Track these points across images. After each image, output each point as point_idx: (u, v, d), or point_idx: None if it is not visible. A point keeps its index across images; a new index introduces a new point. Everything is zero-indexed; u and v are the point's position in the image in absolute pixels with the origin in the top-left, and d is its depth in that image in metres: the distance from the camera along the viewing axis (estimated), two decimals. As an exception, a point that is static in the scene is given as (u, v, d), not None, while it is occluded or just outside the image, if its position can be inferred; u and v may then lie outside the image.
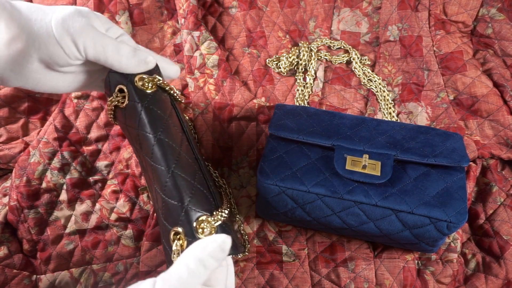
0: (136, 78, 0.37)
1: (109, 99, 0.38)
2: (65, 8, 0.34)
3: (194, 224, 0.33)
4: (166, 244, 0.35)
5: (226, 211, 0.37)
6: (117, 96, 0.38)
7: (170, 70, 0.42)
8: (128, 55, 0.35)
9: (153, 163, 0.36)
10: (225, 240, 0.30)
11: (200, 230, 0.33)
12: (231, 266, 0.36)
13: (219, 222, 0.35)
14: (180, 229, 0.34)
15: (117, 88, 0.37)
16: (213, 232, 0.34)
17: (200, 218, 0.34)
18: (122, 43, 0.36)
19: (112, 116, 0.40)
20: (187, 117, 0.61)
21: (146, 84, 0.37)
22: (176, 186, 0.34)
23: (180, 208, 0.34)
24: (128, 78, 0.37)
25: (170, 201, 0.34)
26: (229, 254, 0.34)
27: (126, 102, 0.37)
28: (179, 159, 0.36)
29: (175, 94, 0.41)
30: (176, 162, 0.35)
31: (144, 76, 0.37)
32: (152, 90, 0.37)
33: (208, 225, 0.34)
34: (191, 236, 0.33)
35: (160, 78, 0.38)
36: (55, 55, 0.33)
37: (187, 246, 0.33)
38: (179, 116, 0.40)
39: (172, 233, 0.34)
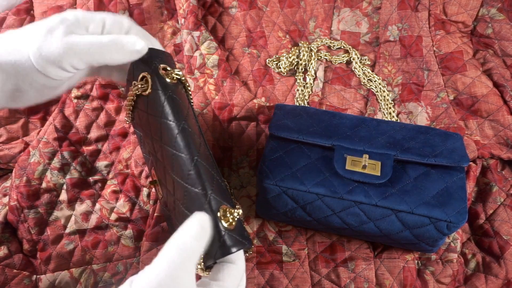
0: (160, 67, 0.37)
1: (131, 87, 0.39)
2: (36, 31, 0.31)
3: (218, 213, 0.34)
4: None
5: (241, 208, 0.37)
6: (136, 85, 0.38)
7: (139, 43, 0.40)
8: (119, 50, 0.34)
9: (175, 151, 0.36)
10: (202, 217, 0.29)
11: (223, 219, 0.33)
12: (243, 264, 0.35)
13: (240, 215, 0.35)
14: None
15: (140, 76, 0.38)
16: (234, 223, 0.34)
17: (223, 208, 0.34)
18: (110, 41, 0.33)
19: (131, 105, 0.41)
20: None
21: (169, 75, 0.38)
22: (199, 175, 0.35)
23: (204, 196, 0.34)
24: (152, 67, 0.37)
25: (194, 190, 0.35)
26: (245, 248, 0.34)
27: (149, 90, 0.37)
28: (200, 150, 0.36)
29: (190, 92, 0.42)
30: (199, 151, 0.36)
31: (168, 68, 0.38)
32: (173, 81, 0.38)
33: (230, 216, 0.34)
34: (215, 225, 0.33)
35: (181, 73, 0.39)
36: (47, 83, 0.33)
37: (211, 235, 0.33)
38: (193, 110, 0.41)
39: None
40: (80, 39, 0.32)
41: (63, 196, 0.57)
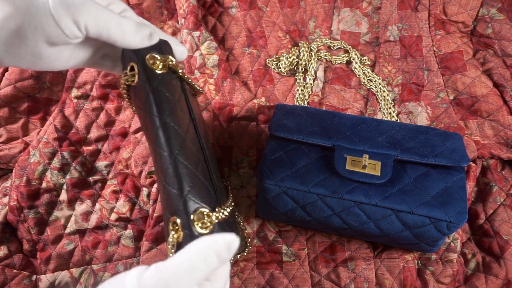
0: (148, 57, 0.35)
1: (122, 76, 0.37)
2: None
3: (192, 216, 0.32)
4: (166, 234, 0.34)
5: (228, 209, 0.35)
6: (126, 75, 0.36)
7: (176, 51, 0.40)
8: (131, 30, 0.34)
9: (156, 147, 0.34)
10: (234, 240, 0.28)
11: (197, 224, 0.32)
12: (228, 268, 0.35)
13: (219, 219, 0.33)
14: (178, 220, 0.32)
15: (129, 66, 0.36)
16: (210, 227, 0.32)
17: (199, 210, 0.32)
18: (125, 18, 0.34)
19: (126, 94, 0.39)
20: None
21: (157, 63, 0.35)
22: (177, 174, 0.33)
23: (179, 197, 0.32)
24: (139, 56, 0.35)
25: (170, 189, 0.33)
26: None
27: (136, 80, 0.35)
28: (183, 146, 0.34)
29: (188, 80, 0.39)
30: (179, 149, 0.34)
31: (156, 55, 0.35)
32: (163, 71, 0.36)
33: (207, 219, 0.32)
34: (188, 228, 0.31)
35: (173, 59, 0.36)
36: (53, 36, 0.31)
37: (184, 238, 0.31)
38: (188, 102, 0.39)
39: (170, 223, 0.33)
40: (101, 3, 0.33)
41: (63, 196, 0.57)
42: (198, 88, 0.42)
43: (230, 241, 0.28)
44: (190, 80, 0.40)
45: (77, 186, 0.58)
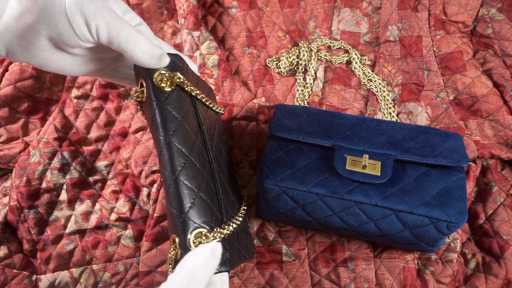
0: (155, 74, 0.35)
1: (134, 91, 0.37)
2: None
3: (189, 236, 0.32)
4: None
5: (231, 227, 0.35)
6: (137, 91, 0.36)
7: None
8: (142, 47, 0.33)
9: (160, 165, 0.35)
10: (215, 248, 0.30)
11: (195, 243, 0.32)
12: (225, 277, 0.36)
13: (217, 239, 0.34)
14: (177, 239, 0.33)
15: (139, 82, 0.36)
16: None
17: (197, 231, 0.33)
18: (140, 33, 0.34)
19: (140, 108, 0.39)
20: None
21: (165, 81, 0.35)
22: (177, 194, 0.33)
23: (178, 217, 0.33)
24: (147, 72, 0.35)
25: (171, 208, 0.34)
26: (223, 271, 0.34)
27: (145, 96, 0.36)
28: (185, 165, 0.34)
29: (198, 96, 0.39)
30: (181, 169, 0.34)
31: (164, 71, 0.35)
32: (171, 88, 0.35)
33: (205, 240, 0.33)
34: (184, 248, 0.32)
35: (181, 77, 0.36)
36: (65, 35, 0.31)
37: (180, 256, 0.32)
38: (199, 115, 0.39)
39: (171, 240, 0.34)
40: (118, 13, 0.33)
41: (63, 196, 0.57)
42: (209, 104, 0.42)
43: (212, 250, 0.30)
44: (202, 96, 0.40)
45: (77, 186, 0.58)
